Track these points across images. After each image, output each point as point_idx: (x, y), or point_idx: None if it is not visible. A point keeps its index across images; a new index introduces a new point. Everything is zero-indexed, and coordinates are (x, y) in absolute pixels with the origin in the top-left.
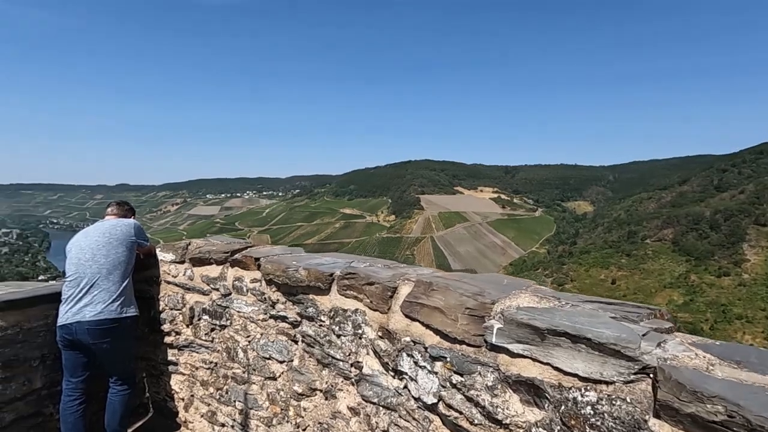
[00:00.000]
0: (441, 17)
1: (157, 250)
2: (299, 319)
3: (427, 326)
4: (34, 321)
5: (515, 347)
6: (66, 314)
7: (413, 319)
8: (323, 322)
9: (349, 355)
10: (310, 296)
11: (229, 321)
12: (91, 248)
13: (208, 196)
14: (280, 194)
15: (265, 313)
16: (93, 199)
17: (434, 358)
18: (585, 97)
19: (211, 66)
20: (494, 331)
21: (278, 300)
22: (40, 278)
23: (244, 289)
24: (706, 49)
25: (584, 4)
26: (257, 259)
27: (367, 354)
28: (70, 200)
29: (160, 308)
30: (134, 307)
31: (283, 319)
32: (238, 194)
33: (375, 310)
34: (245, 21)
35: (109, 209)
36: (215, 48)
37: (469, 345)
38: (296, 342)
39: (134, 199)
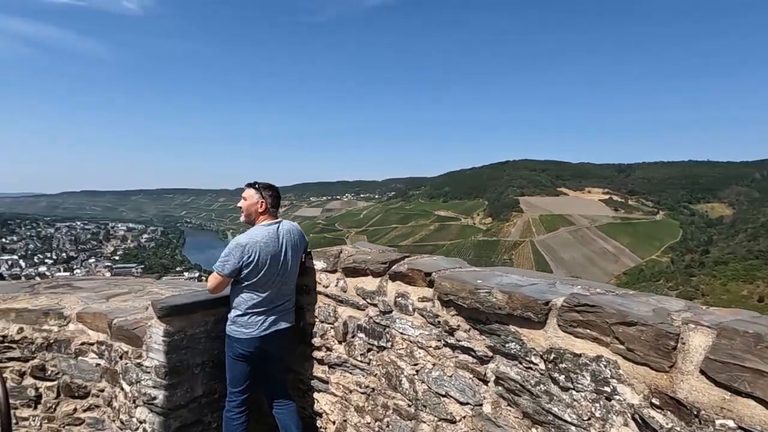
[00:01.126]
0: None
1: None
2: (490, 354)
3: None
4: (196, 327)
5: None
6: (264, 324)
7: (739, 393)
8: (534, 364)
9: (589, 419)
10: (511, 328)
11: (389, 343)
12: (285, 258)
13: (311, 198)
14: (376, 196)
15: (439, 340)
16: (217, 201)
17: None
18: (718, 81)
19: (312, 76)
20: None
21: (458, 326)
22: (177, 269)
23: (410, 308)
24: None
25: None
26: (428, 274)
27: (625, 425)
28: (200, 203)
29: (310, 320)
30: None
31: (466, 351)
32: (338, 197)
33: (639, 364)
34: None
35: (272, 205)
36: (313, 59)
37: None
38: (485, 382)
39: None
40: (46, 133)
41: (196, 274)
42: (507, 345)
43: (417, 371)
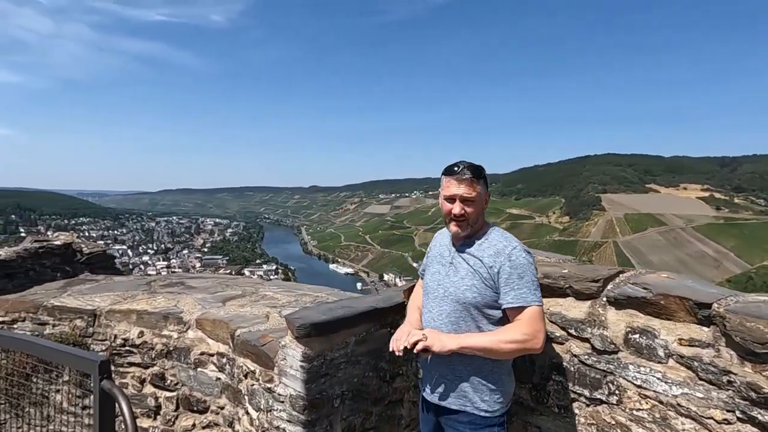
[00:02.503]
0: None
1: None
2: None
3: None
4: (336, 350)
5: None
6: None
7: None
8: None
9: None
10: None
11: (613, 396)
12: None
13: (380, 195)
14: None
15: (730, 410)
16: (293, 198)
17: None
18: None
19: (382, 74)
20: None
21: None
22: (257, 261)
23: (660, 353)
24: None
25: None
26: (701, 306)
27: None
28: (277, 200)
29: None
30: None
31: None
32: (407, 194)
33: None
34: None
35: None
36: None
37: None
38: None
39: (322, 198)
40: (148, 139)
41: (273, 267)
42: None
43: None
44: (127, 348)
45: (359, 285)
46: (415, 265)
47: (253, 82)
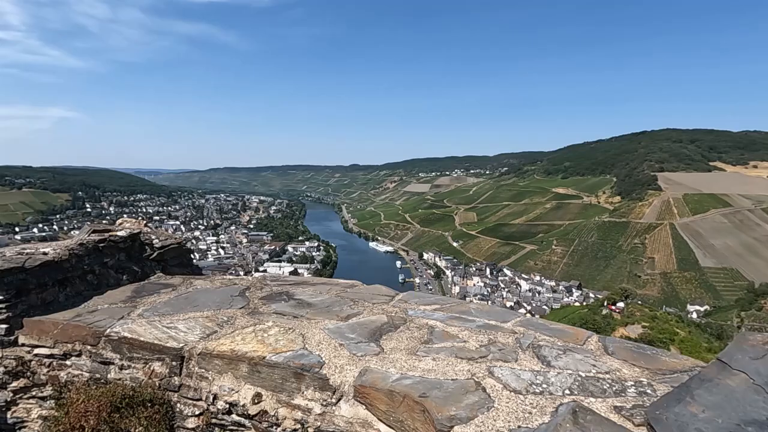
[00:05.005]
0: None
1: None
2: None
3: None
4: None
5: None
6: None
7: None
8: None
9: None
10: None
11: None
12: None
13: (420, 174)
14: (487, 172)
15: None
16: (333, 177)
17: None
18: None
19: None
20: None
21: None
22: (299, 238)
23: None
24: None
25: None
26: None
27: None
28: (318, 178)
29: None
30: None
31: None
32: (447, 172)
33: None
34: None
35: None
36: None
37: None
38: None
39: (362, 177)
40: (197, 119)
41: (315, 244)
42: None
43: None
44: (236, 418)
45: (398, 263)
46: (455, 244)
47: (295, 60)
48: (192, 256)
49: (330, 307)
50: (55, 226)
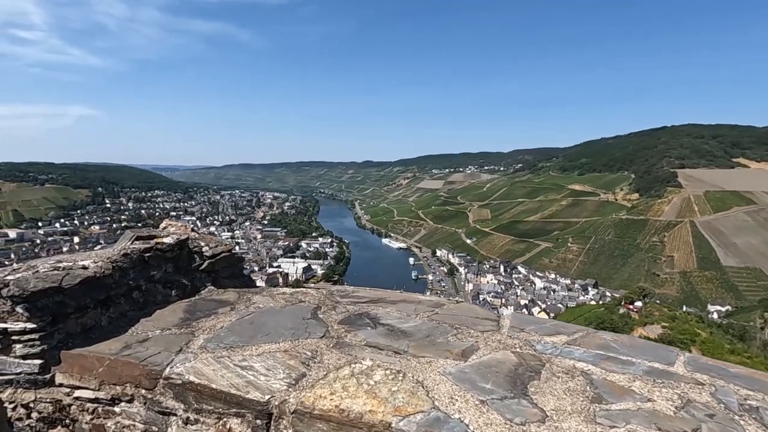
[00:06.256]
0: None
1: None
2: None
3: None
4: None
5: None
6: None
7: None
8: None
9: None
10: None
11: None
12: None
13: (434, 171)
14: (501, 169)
15: None
16: (346, 173)
17: None
18: None
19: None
20: None
21: None
22: (313, 234)
23: None
24: None
25: None
26: None
27: None
28: (332, 174)
29: None
30: None
31: None
32: (461, 169)
33: None
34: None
35: None
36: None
37: None
38: None
39: (375, 173)
40: (213, 116)
41: (329, 240)
42: None
43: None
44: None
45: (411, 260)
46: (468, 241)
47: (307, 58)
48: (242, 265)
49: (431, 337)
50: (76, 221)
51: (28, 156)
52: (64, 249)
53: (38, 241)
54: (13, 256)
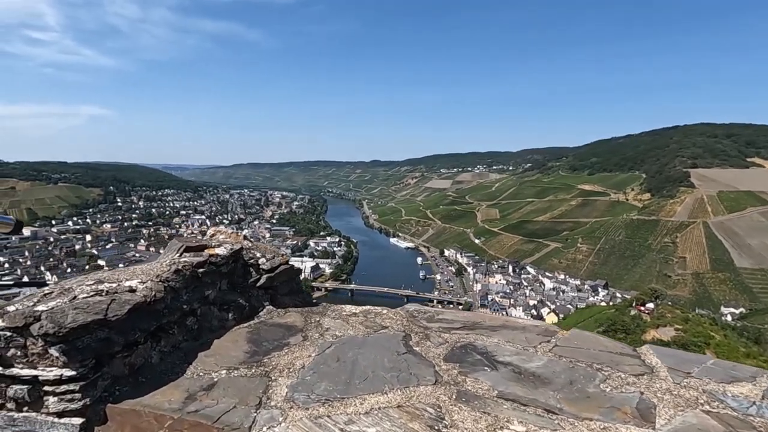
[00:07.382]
0: None
1: None
2: None
3: None
4: None
5: None
6: None
7: None
8: None
9: None
10: None
11: None
12: None
13: (442, 170)
14: (510, 168)
15: None
16: (354, 173)
17: None
18: None
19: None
20: None
21: None
22: (321, 233)
23: None
24: None
25: None
26: None
27: None
28: (339, 174)
29: None
30: None
31: None
32: (469, 168)
33: None
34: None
35: None
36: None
37: None
38: None
39: (382, 173)
40: (222, 115)
41: (337, 239)
42: None
43: None
44: None
45: (419, 260)
46: (477, 241)
47: (315, 58)
48: (300, 279)
49: (577, 384)
50: (88, 220)
51: (41, 155)
52: (77, 247)
53: (51, 239)
54: (27, 253)
